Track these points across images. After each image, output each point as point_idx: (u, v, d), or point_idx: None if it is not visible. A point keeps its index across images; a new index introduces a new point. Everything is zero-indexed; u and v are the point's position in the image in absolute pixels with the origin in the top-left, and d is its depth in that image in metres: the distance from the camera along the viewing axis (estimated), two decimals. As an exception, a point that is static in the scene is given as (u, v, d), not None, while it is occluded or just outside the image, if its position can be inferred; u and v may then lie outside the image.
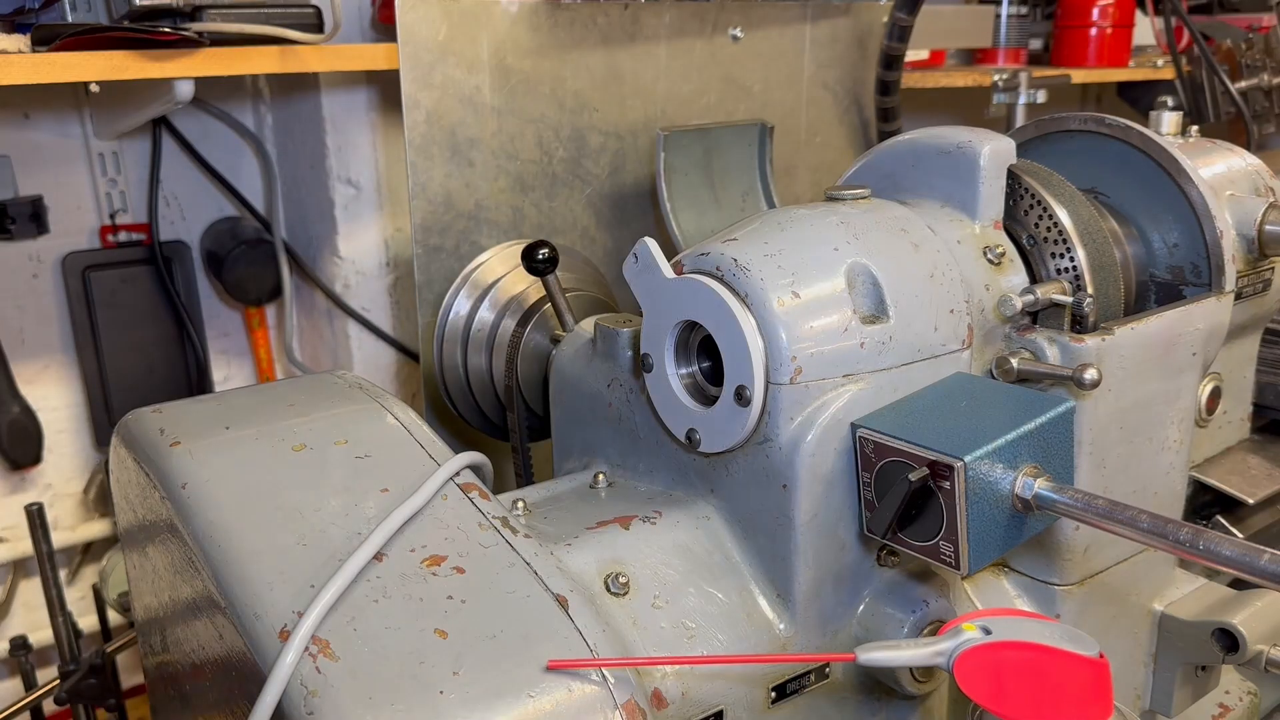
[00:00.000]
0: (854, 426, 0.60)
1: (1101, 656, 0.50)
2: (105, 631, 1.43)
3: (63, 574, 1.43)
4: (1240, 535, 0.86)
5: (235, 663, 0.56)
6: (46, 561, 1.28)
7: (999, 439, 0.57)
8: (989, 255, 0.69)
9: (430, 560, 0.57)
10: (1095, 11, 1.81)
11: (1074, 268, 0.71)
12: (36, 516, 1.18)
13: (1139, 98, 2.02)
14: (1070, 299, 0.67)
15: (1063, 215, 0.71)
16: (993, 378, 0.68)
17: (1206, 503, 0.87)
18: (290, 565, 0.56)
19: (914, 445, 0.57)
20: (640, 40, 1.18)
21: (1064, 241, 0.71)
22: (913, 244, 0.64)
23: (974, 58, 1.93)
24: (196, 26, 1.08)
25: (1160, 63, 1.89)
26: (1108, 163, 0.79)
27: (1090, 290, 0.71)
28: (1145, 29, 1.90)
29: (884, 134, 1.42)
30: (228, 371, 1.53)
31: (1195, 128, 0.89)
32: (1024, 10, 1.86)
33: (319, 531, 0.58)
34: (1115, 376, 0.67)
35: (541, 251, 0.84)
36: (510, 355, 0.91)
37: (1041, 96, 1.39)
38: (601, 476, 0.74)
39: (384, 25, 1.35)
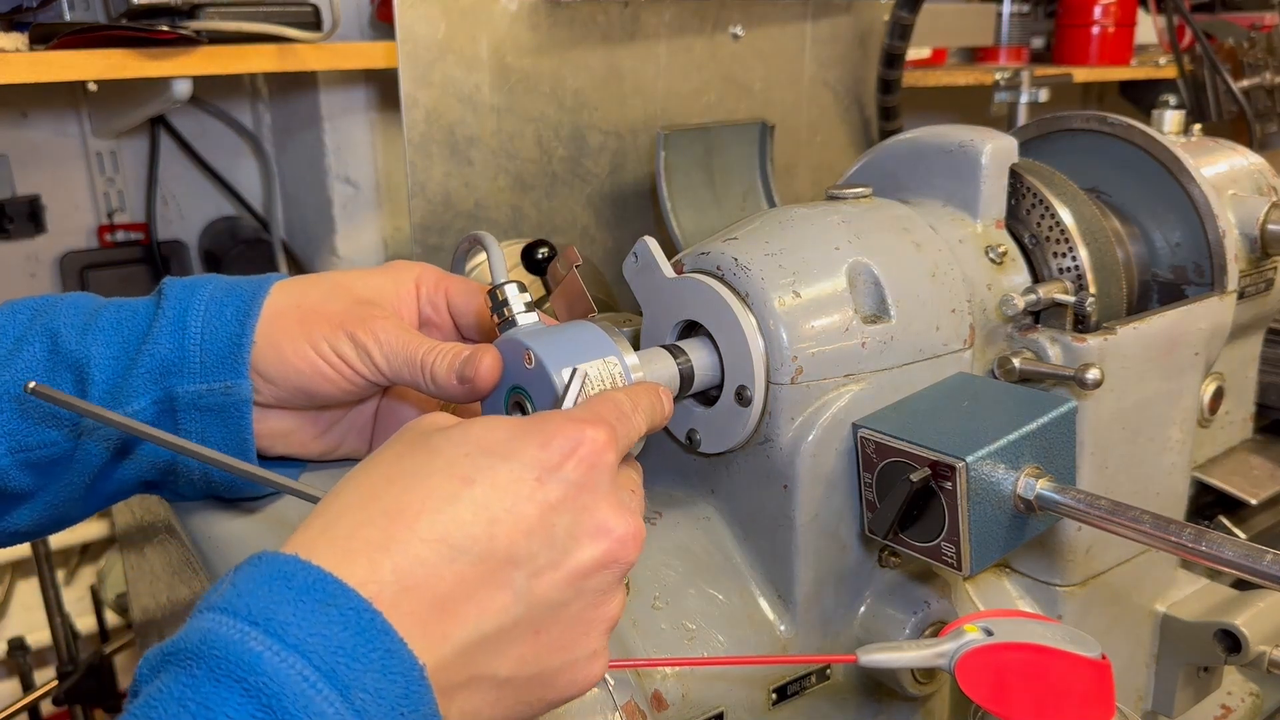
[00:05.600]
0: (855, 427, 0.60)
1: (1103, 657, 0.49)
2: (103, 632, 1.43)
3: (60, 575, 1.43)
4: (1243, 536, 0.85)
5: (232, 664, 0.55)
6: (44, 563, 1.28)
7: (1001, 439, 0.56)
8: (991, 254, 0.69)
9: (428, 561, 0.57)
10: (1097, 10, 1.81)
11: (1076, 267, 0.70)
12: (34, 516, 1.17)
13: (1141, 96, 2.02)
14: (1072, 298, 0.67)
15: (1065, 214, 0.71)
16: (994, 378, 0.67)
17: (1209, 503, 0.87)
18: (287, 566, 0.55)
19: (915, 445, 0.57)
20: (640, 39, 1.18)
21: (1066, 241, 0.70)
22: (914, 243, 0.64)
23: (976, 56, 1.93)
24: (194, 25, 1.08)
25: (1162, 61, 1.89)
26: (1110, 162, 0.79)
27: (1092, 290, 0.70)
28: (1147, 27, 1.90)
29: (885, 132, 1.42)
30: (227, 371, 1.53)
31: (1197, 126, 0.89)
32: (1026, 9, 1.86)
33: (317, 532, 0.58)
34: (1117, 376, 0.67)
35: (541, 251, 0.84)
36: (509, 355, 0.91)
37: (1043, 95, 1.38)
38: (601, 477, 0.73)
39: (383, 23, 1.35)
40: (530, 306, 0.56)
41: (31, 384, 0.51)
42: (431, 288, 0.62)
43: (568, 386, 0.50)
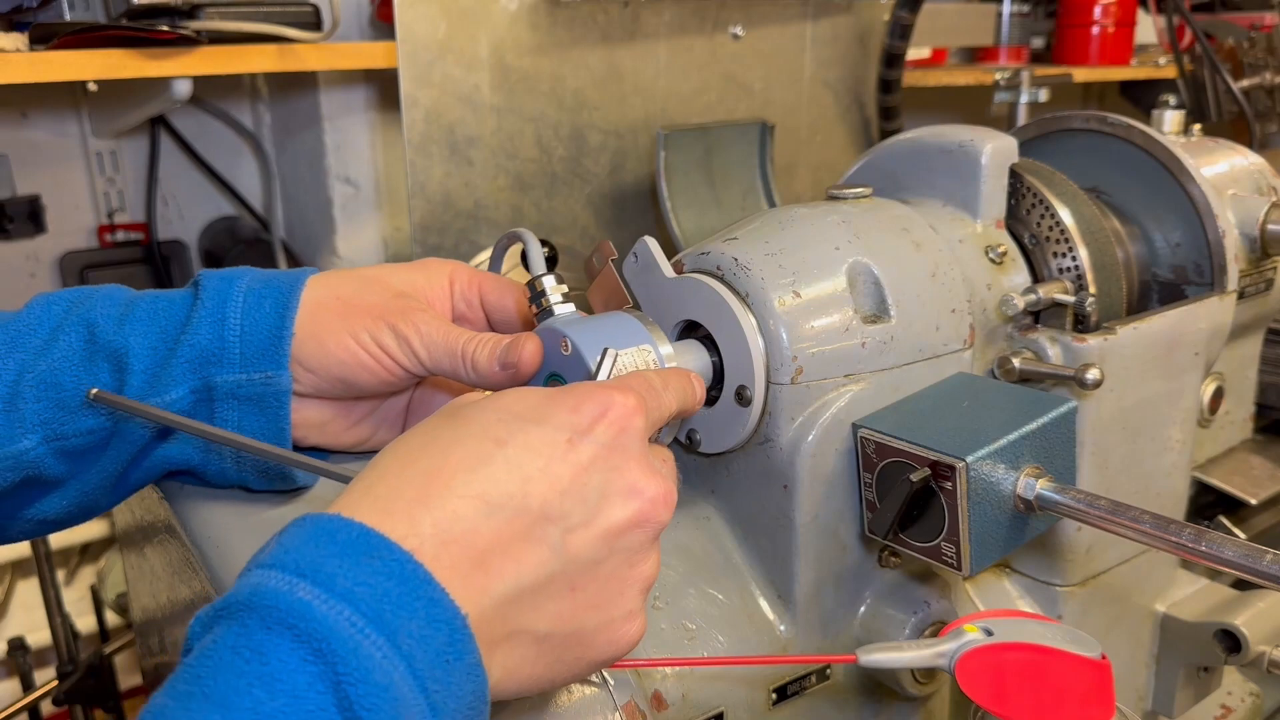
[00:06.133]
0: (855, 427, 0.60)
1: (1103, 658, 0.49)
2: (103, 632, 1.43)
3: (60, 575, 1.43)
4: (1243, 536, 0.85)
5: (232, 665, 0.55)
6: (44, 562, 1.28)
7: (1001, 439, 0.56)
8: (991, 254, 0.69)
9: (428, 561, 0.57)
10: (1097, 10, 1.81)
11: (1076, 267, 0.70)
12: (34, 516, 1.17)
13: (1141, 96, 2.02)
14: (1072, 298, 0.67)
15: (1065, 214, 0.71)
16: (994, 378, 0.67)
17: (1209, 503, 0.87)
18: (287, 566, 0.55)
19: (915, 445, 0.57)
20: (640, 38, 1.18)
21: (1066, 241, 0.70)
22: (914, 243, 0.64)
23: (976, 56, 1.93)
24: (194, 25, 1.08)
25: (1162, 61, 1.89)
26: (1110, 161, 0.79)
27: (1092, 290, 0.70)
28: (1147, 27, 1.90)
29: (885, 132, 1.42)
30: (226, 371, 1.53)
31: (1197, 126, 0.89)
32: (1026, 9, 1.86)
33: (316, 532, 0.58)
34: (1117, 376, 0.67)
35: (541, 251, 0.84)
36: (509, 355, 0.91)
37: (1043, 95, 1.38)
38: (601, 477, 0.73)
39: (383, 23, 1.35)
40: (567, 297, 0.58)
41: (94, 391, 0.53)
42: (465, 284, 0.63)
43: (599, 365, 0.51)
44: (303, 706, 0.34)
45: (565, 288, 0.58)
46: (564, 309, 0.58)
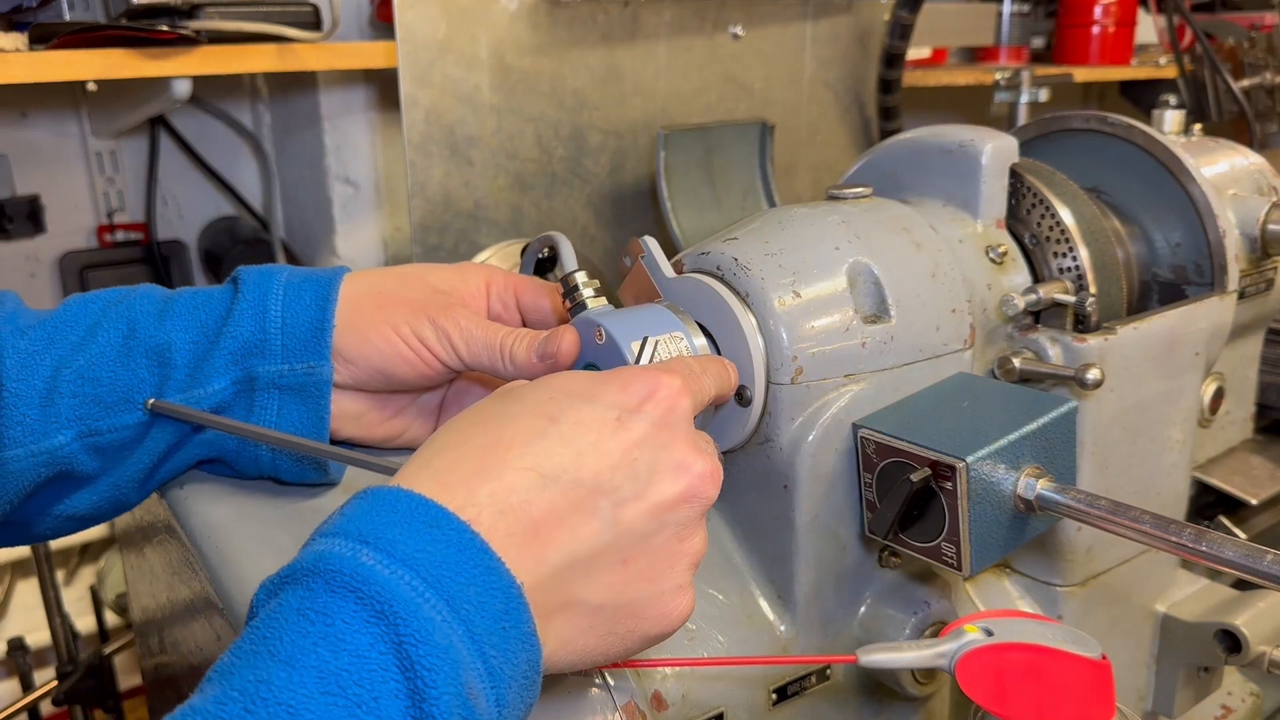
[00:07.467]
0: (855, 427, 0.60)
1: (1104, 658, 0.49)
2: (102, 633, 1.43)
3: (60, 575, 1.43)
4: (1243, 536, 0.85)
5: (232, 665, 0.55)
6: (44, 563, 1.28)
7: (1001, 439, 0.56)
8: (991, 254, 0.69)
9: (428, 561, 0.57)
10: (1098, 10, 1.81)
11: (1076, 267, 0.70)
12: (34, 516, 1.17)
13: (1141, 96, 2.02)
14: (1073, 298, 0.67)
15: (1065, 214, 0.71)
16: (995, 378, 0.67)
17: (1209, 503, 0.87)
18: (287, 566, 0.55)
19: (916, 445, 0.57)
20: (640, 38, 1.18)
21: (1066, 241, 0.70)
22: (914, 243, 0.64)
23: (976, 56, 1.93)
24: (194, 25, 1.08)
25: (1163, 61, 1.89)
26: (1110, 161, 0.79)
27: (1093, 290, 0.70)
28: (1147, 27, 1.90)
29: (885, 132, 1.42)
30: (226, 371, 1.53)
31: (1198, 126, 0.89)
32: (1026, 9, 1.86)
33: (316, 532, 0.58)
34: (1118, 376, 0.67)
35: (542, 251, 0.83)
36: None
37: (1044, 95, 1.38)
38: (601, 477, 0.73)
39: (382, 23, 1.35)
40: (599, 292, 0.60)
41: (151, 401, 0.55)
42: (502, 287, 0.65)
43: (640, 350, 0.53)
44: (365, 665, 0.35)
45: (597, 283, 0.60)
46: (597, 302, 0.59)
